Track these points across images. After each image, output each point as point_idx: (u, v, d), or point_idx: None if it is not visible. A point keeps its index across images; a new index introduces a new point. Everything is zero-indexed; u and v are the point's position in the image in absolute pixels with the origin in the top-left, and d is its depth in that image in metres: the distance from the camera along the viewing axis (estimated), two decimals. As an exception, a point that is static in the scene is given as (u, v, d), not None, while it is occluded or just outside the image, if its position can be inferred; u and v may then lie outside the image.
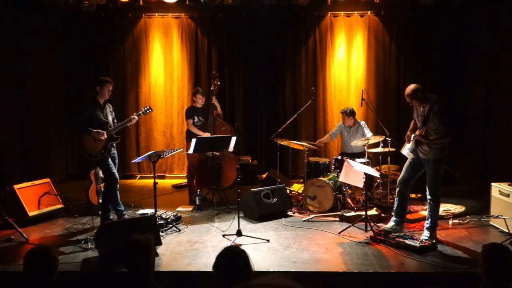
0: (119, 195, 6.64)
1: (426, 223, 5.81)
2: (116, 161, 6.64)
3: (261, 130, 9.94)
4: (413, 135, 5.85)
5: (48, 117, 9.33)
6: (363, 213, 6.26)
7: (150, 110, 6.86)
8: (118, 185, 6.59)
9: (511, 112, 7.72)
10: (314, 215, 6.95)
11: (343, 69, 9.77)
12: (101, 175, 7.12)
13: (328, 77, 9.80)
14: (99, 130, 6.29)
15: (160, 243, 5.61)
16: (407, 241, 5.48)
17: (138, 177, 10.05)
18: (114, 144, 6.58)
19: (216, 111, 7.97)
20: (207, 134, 7.65)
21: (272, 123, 9.43)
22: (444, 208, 6.82)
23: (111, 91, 6.52)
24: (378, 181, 7.42)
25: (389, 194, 7.17)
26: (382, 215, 6.80)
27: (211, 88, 7.91)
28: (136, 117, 6.64)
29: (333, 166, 7.73)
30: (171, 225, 6.36)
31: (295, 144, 7.79)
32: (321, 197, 7.11)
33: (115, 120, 6.71)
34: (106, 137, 6.33)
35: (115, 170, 6.53)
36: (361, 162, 6.71)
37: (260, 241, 5.80)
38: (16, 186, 6.67)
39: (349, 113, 7.92)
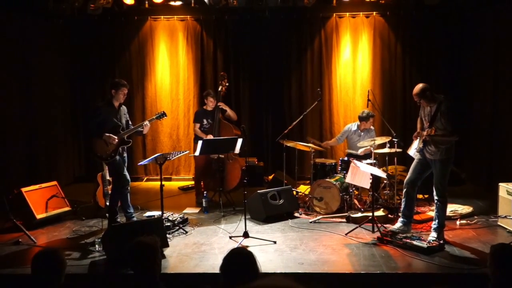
0: (129, 197, 6.66)
1: (434, 224, 5.79)
2: (126, 164, 6.65)
3: (267, 131, 9.95)
4: (419, 135, 5.83)
5: (55, 120, 9.38)
6: (370, 214, 6.25)
7: (164, 116, 6.77)
8: (129, 188, 6.61)
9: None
10: (321, 216, 6.94)
11: (348, 70, 9.75)
12: (108, 177, 7.15)
13: (333, 78, 9.79)
14: (111, 135, 6.30)
15: (167, 245, 5.62)
16: (414, 242, 5.46)
17: (144, 180, 10.09)
18: (126, 148, 6.60)
19: (227, 113, 7.98)
20: (210, 137, 7.65)
21: (278, 125, 9.44)
22: (452, 208, 6.80)
23: (126, 94, 6.53)
24: (385, 182, 7.40)
25: (396, 195, 7.15)
26: (389, 216, 6.78)
27: (219, 89, 7.92)
28: (148, 123, 6.62)
29: (339, 167, 7.71)
30: (178, 227, 6.38)
31: (301, 145, 7.79)
32: (327, 198, 7.10)
33: (130, 122, 6.73)
34: (117, 141, 6.36)
35: (126, 172, 6.55)
36: (367, 163, 6.70)
37: (267, 242, 5.81)
38: (23, 189, 6.70)
39: (371, 116, 7.89)
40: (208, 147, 7.05)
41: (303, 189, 8.08)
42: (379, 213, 6.71)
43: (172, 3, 9.16)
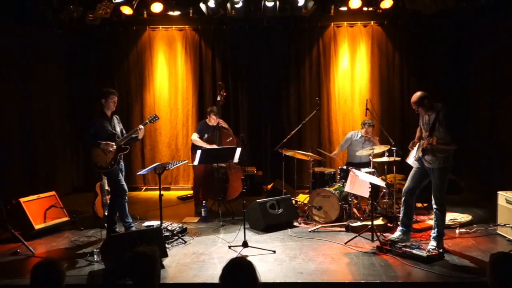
0: (127, 207, 6.65)
1: (433, 233, 5.78)
2: (123, 173, 6.65)
3: (265, 140, 9.95)
4: (418, 144, 5.84)
5: (53, 130, 9.38)
6: (369, 223, 6.24)
7: (156, 118, 6.83)
8: (126, 197, 6.60)
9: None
10: (320, 226, 6.93)
11: (347, 79, 9.79)
12: (106, 187, 7.14)
13: (332, 87, 9.83)
14: (108, 142, 6.30)
15: (166, 255, 5.61)
16: (414, 251, 5.46)
17: (143, 189, 10.08)
18: (122, 157, 6.59)
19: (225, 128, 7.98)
20: (214, 146, 7.65)
21: (276, 134, 9.45)
22: (451, 217, 6.80)
23: (116, 102, 6.53)
24: (384, 190, 7.40)
25: (395, 203, 7.15)
26: (388, 224, 6.77)
27: (217, 99, 7.94)
28: (142, 126, 6.62)
29: (338, 176, 7.72)
30: (177, 237, 6.36)
31: (300, 154, 7.79)
32: (327, 207, 7.09)
33: (124, 131, 6.71)
34: (115, 148, 6.35)
35: (124, 182, 6.54)
36: (366, 172, 6.71)
37: (266, 252, 5.79)
38: (22, 200, 6.69)
39: (366, 125, 7.91)
40: (207, 157, 7.05)
41: (302, 198, 8.07)
42: (378, 222, 6.70)
43: (170, 13, 9.18)
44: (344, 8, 9.05)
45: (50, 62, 9.33)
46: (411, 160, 6.07)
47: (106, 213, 6.89)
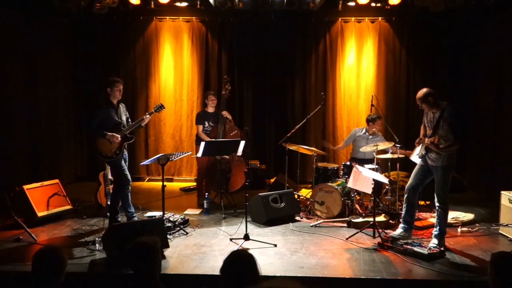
0: (130, 197, 6.67)
1: (435, 231, 5.78)
2: (127, 163, 6.66)
3: (269, 134, 9.95)
4: (421, 142, 5.83)
5: (58, 118, 9.40)
6: (371, 219, 6.24)
7: (162, 108, 6.82)
8: (129, 187, 6.62)
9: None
10: (322, 221, 6.93)
11: (353, 74, 9.76)
12: (109, 176, 7.15)
13: (337, 83, 9.79)
14: (113, 134, 6.32)
15: (167, 246, 5.62)
16: (415, 248, 5.46)
17: (146, 180, 10.10)
18: (126, 146, 6.60)
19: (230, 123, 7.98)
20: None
21: (281, 128, 9.42)
22: (453, 215, 6.79)
23: (122, 90, 6.54)
24: (387, 187, 7.39)
25: (398, 200, 7.13)
26: (390, 221, 6.77)
27: (222, 93, 7.93)
28: (149, 115, 6.65)
29: (341, 171, 7.71)
30: (178, 228, 6.38)
31: (304, 149, 7.78)
32: (329, 203, 7.09)
33: (130, 120, 6.73)
34: (120, 139, 6.37)
35: (127, 172, 6.56)
36: (370, 168, 6.70)
37: (267, 245, 5.80)
38: (25, 187, 6.71)
39: (377, 118, 7.85)
40: (210, 149, 7.05)
41: (305, 192, 8.07)
42: (380, 218, 6.70)
43: (177, 4, 9.18)
44: (352, 3, 9.03)
45: (57, 51, 9.33)
46: (415, 157, 6.06)
47: (108, 202, 6.90)
